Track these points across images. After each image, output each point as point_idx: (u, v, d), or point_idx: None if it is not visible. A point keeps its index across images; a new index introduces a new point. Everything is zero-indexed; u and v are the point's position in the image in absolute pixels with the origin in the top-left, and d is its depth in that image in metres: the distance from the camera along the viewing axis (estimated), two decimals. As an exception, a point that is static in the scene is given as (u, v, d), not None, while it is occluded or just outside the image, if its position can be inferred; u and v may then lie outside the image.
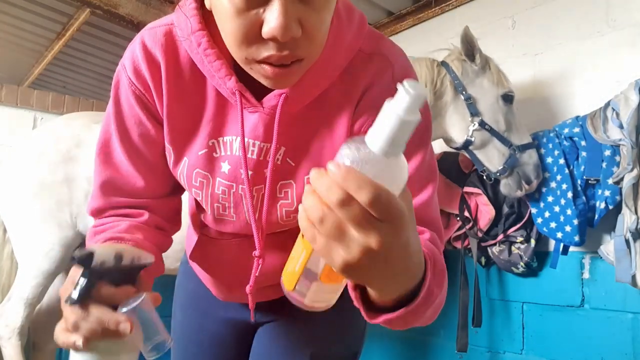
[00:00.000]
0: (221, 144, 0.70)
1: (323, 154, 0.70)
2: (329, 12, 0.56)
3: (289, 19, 0.50)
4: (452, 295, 2.04)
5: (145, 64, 0.68)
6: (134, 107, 0.71)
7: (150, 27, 0.70)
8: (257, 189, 0.71)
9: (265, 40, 0.52)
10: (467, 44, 1.79)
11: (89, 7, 2.50)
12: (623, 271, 1.54)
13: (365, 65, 0.68)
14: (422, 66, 1.81)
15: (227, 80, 0.64)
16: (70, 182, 1.69)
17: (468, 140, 1.79)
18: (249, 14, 0.52)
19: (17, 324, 1.68)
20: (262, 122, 0.67)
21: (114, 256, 0.53)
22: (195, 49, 0.64)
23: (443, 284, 0.56)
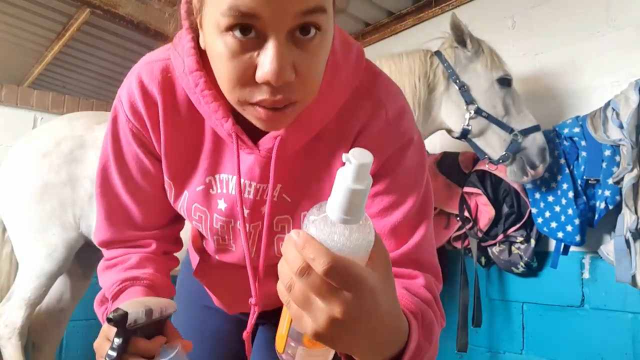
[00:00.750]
0: (217, 181, 0.71)
1: (320, 189, 0.70)
2: (324, 56, 0.56)
3: (282, 63, 0.50)
4: (452, 295, 2.05)
5: (142, 101, 0.68)
6: (131, 143, 0.72)
7: (147, 62, 0.69)
8: (254, 225, 0.73)
9: (259, 83, 0.52)
10: (456, 29, 1.76)
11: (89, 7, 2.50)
12: (623, 271, 1.54)
13: (361, 103, 0.67)
14: (415, 59, 1.78)
15: (224, 122, 0.63)
16: (74, 183, 1.69)
17: (465, 129, 1.75)
18: (242, 57, 0.52)
19: (18, 324, 1.67)
20: (259, 164, 0.67)
21: (144, 313, 0.56)
22: (193, 89, 0.63)
23: (432, 338, 0.56)
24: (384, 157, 0.66)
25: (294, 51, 0.52)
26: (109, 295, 0.72)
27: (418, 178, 0.69)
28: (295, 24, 0.50)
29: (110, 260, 0.76)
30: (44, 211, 1.68)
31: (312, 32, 0.52)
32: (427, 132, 1.84)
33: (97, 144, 1.71)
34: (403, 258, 0.65)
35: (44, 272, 1.67)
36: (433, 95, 1.79)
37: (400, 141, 0.67)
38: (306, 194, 0.70)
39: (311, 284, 0.39)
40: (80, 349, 2.39)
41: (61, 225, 1.68)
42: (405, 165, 0.67)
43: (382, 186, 0.66)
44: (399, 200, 0.66)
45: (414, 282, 0.63)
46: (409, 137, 0.68)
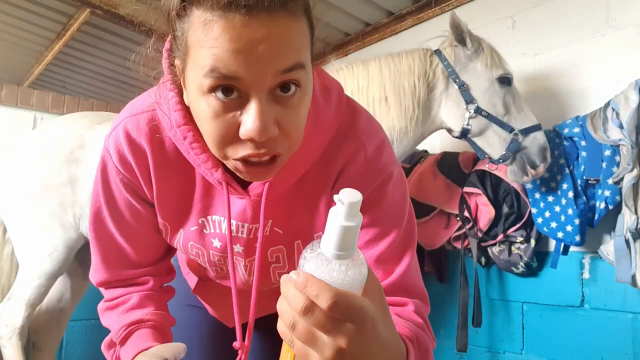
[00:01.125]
0: (210, 222, 0.75)
1: (310, 221, 0.74)
2: (304, 109, 0.58)
3: (265, 120, 0.52)
4: (452, 295, 2.05)
5: (131, 153, 0.70)
6: (122, 191, 0.74)
7: (132, 115, 0.71)
8: (249, 260, 0.77)
9: (243, 140, 0.54)
10: (455, 28, 1.75)
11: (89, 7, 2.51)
12: (623, 271, 1.54)
13: (340, 145, 0.70)
14: (415, 58, 1.77)
15: (214, 171, 0.65)
16: (74, 183, 1.69)
17: (465, 129, 1.74)
18: (226, 117, 0.54)
19: (18, 324, 1.67)
20: (250, 207, 0.71)
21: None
22: (181, 141, 0.65)
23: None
24: (365, 194, 0.68)
25: (275, 108, 0.54)
26: (116, 340, 0.75)
27: (400, 210, 0.72)
28: (275, 83, 0.53)
29: (111, 301, 0.79)
30: (44, 211, 1.68)
31: (292, 89, 0.54)
32: (427, 131, 1.84)
33: (98, 144, 1.71)
34: (392, 287, 0.69)
35: (44, 272, 1.67)
36: (433, 94, 1.78)
37: (379, 178, 0.70)
38: (297, 225, 0.74)
39: (316, 321, 0.41)
40: (80, 349, 2.39)
41: (61, 226, 1.68)
42: (387, 200, 0.71)
43: (366, 220, 0.69)
44: (382, 233, 0.70)
45: (405, 309, 0.67)
46: (389, 172, 0.71)
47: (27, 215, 1.70)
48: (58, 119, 1.86)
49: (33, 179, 1.69)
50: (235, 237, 0.74)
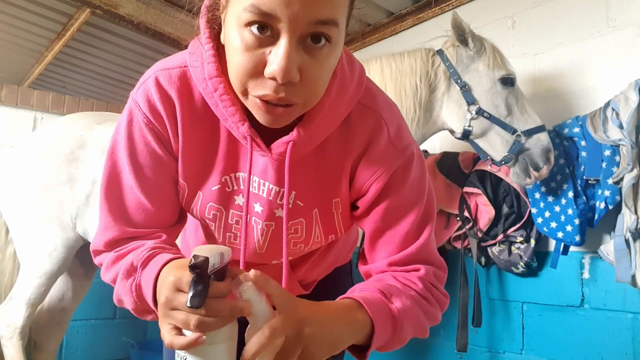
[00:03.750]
0: (233, 179, 0.76)
1: (330, 192, 0.77)
2: (329, 66, 0.61)
3: (290, 63, 0.55)
4: (452, 295, 2.04)
5: (161, 101, 0.71)
6: (149, 142, 0.73)
7: (164, 68, 0.72)
8: (267, 224, 0.78)
9: (265, 78, 0.57)
10: (457, 28, 1.73)
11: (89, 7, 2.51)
12: (623, 271, 1.54)
13: (362, 117, 0.74)
14: (417, 58, 1.76)
15: (240, 125, 0.67)
16: (73, 183, 1.69)
17: (466, 130, 1.73)
18: (255, 52, 0.57)
19: (19, 323, 1.68)
20: (272, 166, 0.72)
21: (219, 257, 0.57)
22: (211, 93, 0.67)
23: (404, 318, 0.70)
24: (389, 173, 0.74)
25: (302, 55, 0.57)
26: (137, 262, 0.68)
27: (421, 188, 0.77)
28: (308, 31, 0.56)
29: (122, 249, 0.74)
30: (43, 211, 1.68)
31: (322, 42, 0.58)
32: (428, 132, 1.83)
33: (97, 144, 1.71)
34: (409, 258, 0.76)
35: (44, 272, 1.67)
36: (434, 95, 1.77)
37: (402, 158, 0.74)
38: (316, 193, 0.76)
39: None
40: (81, 349, 2.39)
41: (60, 225, 1.68)
42: (409, 180, 0.75)
43: (390, 201, 0.75)
44: (406, 212, 0.75)
45: (411, 274, 0.75)
46: (410, 152, 0.76)
47: (27, 215, 1.70)
48: (58, 119, 1.86)
49: (33, 178, 1.69)
50: (255, 195, 0.75)
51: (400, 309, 0.69)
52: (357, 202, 0.79)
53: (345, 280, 1.04)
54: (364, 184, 0.75)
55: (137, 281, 0.68)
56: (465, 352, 1.90)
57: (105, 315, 2.48)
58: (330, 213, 0.78)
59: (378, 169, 0.74)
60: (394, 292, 0.71)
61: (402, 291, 0.72)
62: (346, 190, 0.77)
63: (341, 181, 0.76)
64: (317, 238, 0.80)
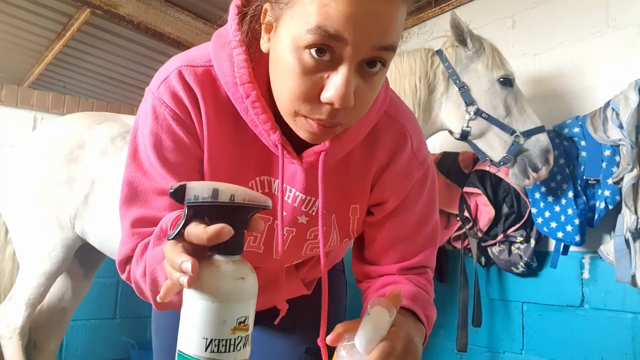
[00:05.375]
0: (258, 182, 0.74)
1: (351, 200, 0.77)
2: (378, 89, 0.60)
3: (349, 90, 0.54)
4: (452, 295, 2.05)
5: (187, 96, 0.67)
6: (178, 135, 0.68)
7: (189, 65, 0.67)
8: (287, 230, 0.77)
9: (321, 103, 0.56)
10: (456, 28, 1.73)
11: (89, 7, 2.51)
12: (623, 271, 1.54)
13: (387, 128, 0.74)
14: (417, 59, 1.76)
15: (272, 133, 0.65)
16: (72, 183, 1.69)
17: (465, 131, 1.73)
18: (313, 76, 0.55)
19: (18, 323, 1.68)
20: (301, 174, 0.71)
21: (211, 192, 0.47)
22: (241, 99, 0.64)
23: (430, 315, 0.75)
24: (411, 184, 0.77)
25: (358, 81, 0.56)
26: (166, 225, 0.60)
27: (435, 199, 0.81)
28: (369, 56, 0.55)
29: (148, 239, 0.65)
30: (43, 211, 1.68)
31: (378, 67, 0.56)
32: (427, 133, 1.83)
33: (97, 144, 1.71)
34: (420, 264, 0.81)
35: (44, 272, 1.67)
36: (433, 96, 1.77)
37: (422, 169, 0.77)
38: (336, 205, 0.76)
39: None
40: (80, 349, 2.39)
41: (59, 225, 1.68)
42: (426, 191, 0.79)
43: (408, 212, 0.78)
44: (422, 222, 0.80)
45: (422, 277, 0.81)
46: (427, 165, 0.78)
47: (26, 215, 1.70)
48: (58, 120, 1.86)
49: (33, 178, 1.69)
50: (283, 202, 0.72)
51: (429, 316, 0.74)
52: (372, 209, 0.80)
53: (339, 279, 1.05)
54: (384, 193, 0.77)
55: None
56: (465, 352, 1.90)
57: (105, 315, 2.48)
58: (347, 218, 0.78)
59: (402, 181, 0.76)
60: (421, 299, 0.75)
61: (427, 300, 0.77)
62: (366, 198, 0.78)
63: (362, 189, 0.76)
64: (333, 242, 0.80)
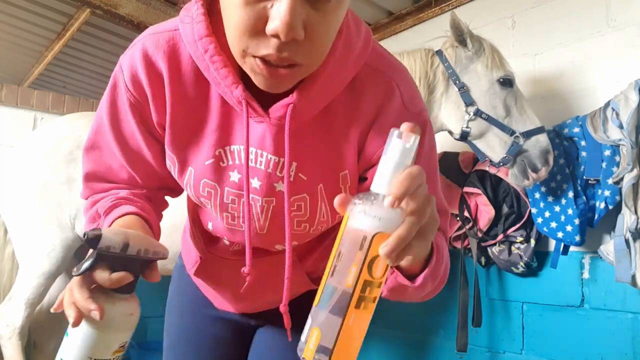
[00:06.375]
0: (228, 153, 0.69)
1: (335, 163, 0.70)
2: (336, 22, 0.55)
3: (294, 18, 0.49)
4: (452, 295, 2.05)
5: (145, 73, 0.66)
6: (128, 113, 0.70)
7: (153, 33, 0.67)
8: (266, 200, 0.71)
9: (267, 36, 0.52)
10: (456, 29, 1.73)
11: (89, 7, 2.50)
12: (623, 271, 1.54)
13: (371, 80, 0.67)
14: (417, 59, 1.76)
15: (234, 88, 0.61)
16: (71, 183, 1.69)
17: (464, 131, 1.72)
18: (256, 7, 0.51)
19: (18, 323, 1.68)
20: (270, 133, 0.66)
21: (121, 244, 0.55)
22: (202, 55, 0.62)
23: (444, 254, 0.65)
24: None
25: (307, 10, 0.51)
26: (101, 210, 0.69)
27: (434, 155, 0.74)
28: None
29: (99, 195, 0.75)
30: (42, 211, 1.68)
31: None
32: (427, 133, 1.83)
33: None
34: None
35: (43, 272, 1.67)
36: (433, 96, 1.77)
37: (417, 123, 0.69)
38: (321, 165, 0.70)
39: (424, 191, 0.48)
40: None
41: (58, 225, 1.68)
42: (424, 148, 0.70)
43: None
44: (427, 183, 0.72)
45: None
46: (424, 117, 0.70)
47: (26, 215, 1.70)
48: (58, 120, 1.86)
49: (32, 178, 1.69)
50: (252, 168, 0.68)
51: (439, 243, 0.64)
52: (366, 174, 0.73)
53: None
54: (375, 152, 0.69)
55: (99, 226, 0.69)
56: (465, 352, 1.90)
57: (105, 315, 2.47)
58: (337, 188, 0.71)
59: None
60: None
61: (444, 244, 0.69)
62: (354, 162, 0.71)
63: (348, 152, 0.69)
64: (323, 217, 0.74)
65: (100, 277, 0.55)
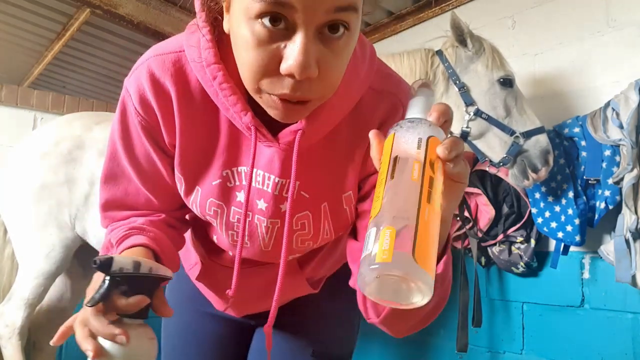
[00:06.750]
0: (235, 174, 0.70)
1: (338, 183, 0.71)
2: (347, 55, 0.56)
3: (309, 58, 0.50)
4: (452, 296, 2.04)
5: (154, 95, 0.66)
6: (141, 136, 0.70)
7: (158, 54, 0.67)
8: (272, 221, 0.72)
9: (282, 75, 0.52)
10: (456, 29, 1.73)
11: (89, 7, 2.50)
12: (623, 271, 1.54)
13: (376, 102, 0.69)
14: (417, 59, 1.76)
15: (243, 115, 0.62)
16: (71, 183, 1.69)
17: (464, 131, 1.72)
18: (269, 47, 0.51)
19: (18, 324, 1.67)
20: (278, 158, 0.66)
21: (132, 264, 0.55)
22: (210, 81, 0.62)
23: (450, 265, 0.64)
24: None
25: (320, 48, 0.52)
26: (114, 240, 0.70)
27: None
28: (326, 20, 0.51)
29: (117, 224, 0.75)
30: (42, 211, 1.68)
31: (341, 31, 0.52)
32: (427, 133, 1.83)
33: (96, 145, 1.72)
34: None
35: (42, 272, 1.67)
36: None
37: None
38: (324, 185, 0.71)
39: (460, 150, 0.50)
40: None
41: (58, 226, 1.68)
42: None
43: None
44: None
45: None
46: None
47: (25, 215, 1.70)
48: (57, 120, 1.86)
49: (32, 178, 1.69)
50: (259, 190, 0.69)
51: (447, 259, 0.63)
52: (361, 183, 0.73)
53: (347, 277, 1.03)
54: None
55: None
56: (465, 352, 1.90)
57: (105, 315, 2.48)
58: (342, 209, 0.73)
59: None
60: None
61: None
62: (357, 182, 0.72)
63: (353, 172, 0.70)
64: (326, 234, 0.75)
65: (117, 302, 0.55)
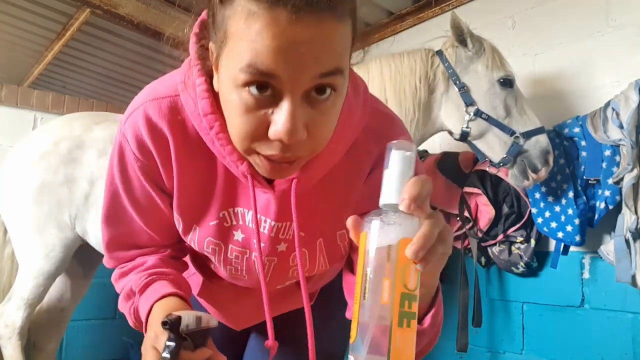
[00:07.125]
0: (232, 214, 0.72)
1: (331, 222, 0.73)
2: (336, 114, 0.57)
3: (296, 123, 0.51)
4: (452, 295, 2.04)
5: (151, 140, 0.67)
6: (141, 180, 0.71)
7: (153, 98, 0.67)
8: (269, 259, 0.74)
9: (270, 139, 0.53)
10: (456, 29, 1.73)
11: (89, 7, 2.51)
12: (623, 271, 1.54)
13: (370, 142, 0.70)
14: (417, 59, 1.76)
15: (240, 164, 0.63)
16: (71, 183, 1.69)
17: (464, 131, 1.72)
18: (257, 113, 0.52)
19: (17, 324, 1.67)
20: (274, 203, 0.68)
21: (194, 320, 0.59)
22: (206, 130, 0.63)
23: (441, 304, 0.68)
24: None
25: (307, 111, 0.53)
26: (136, 288, 0.71)
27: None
28: (312, 86, 0.52)
29: (126, 265, 0.77)
30: (41, 211, 1.68)
31: (327, 93, 0.53)
32: (427, 133, 1.83)
33: (95, 144, 1.71)
34: None
35: (42, 272, 1.67)
36: (433, 96, 1.77)
37: None
38: (320, 224, 0.73)
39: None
40: (80, 349, 2.39)
41: (57, 226, 1.68)
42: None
43: None
44: None
45: None
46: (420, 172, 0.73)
47: (25, 215, 1.70)
48: (57, 120, 1.86)
49: (31, 178, 1.69)
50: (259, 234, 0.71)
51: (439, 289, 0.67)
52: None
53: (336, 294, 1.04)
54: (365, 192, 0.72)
55: (135, 306, 0.71)
56: (465, 352, 1.90)
57: (105, 315, 2.47)
58: (336, 245, 0.75)
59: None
60: None
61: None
62: None
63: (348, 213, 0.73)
64: (321, 266, 0.77)
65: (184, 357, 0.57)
